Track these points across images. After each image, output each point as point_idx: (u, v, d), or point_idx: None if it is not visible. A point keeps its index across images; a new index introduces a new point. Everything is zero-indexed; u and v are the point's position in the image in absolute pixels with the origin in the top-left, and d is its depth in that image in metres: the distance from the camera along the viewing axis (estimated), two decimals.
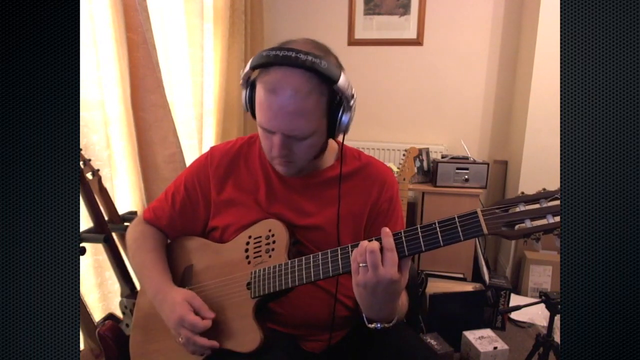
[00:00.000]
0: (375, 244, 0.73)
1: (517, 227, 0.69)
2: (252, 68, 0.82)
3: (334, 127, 0.85)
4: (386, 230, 0.74)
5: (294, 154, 0.86)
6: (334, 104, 0.84)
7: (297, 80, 0.78)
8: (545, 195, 0.69)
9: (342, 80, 0.81)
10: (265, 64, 0.80)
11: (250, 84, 0.86)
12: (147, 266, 0.99)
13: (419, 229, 0.74)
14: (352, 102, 0.84)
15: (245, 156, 1.00)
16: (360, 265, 0.73)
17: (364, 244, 0.74)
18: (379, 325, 0.80)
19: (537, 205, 0.69)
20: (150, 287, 0.96)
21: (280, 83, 0.78)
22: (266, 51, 0.80)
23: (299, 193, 0.96)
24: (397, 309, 0.80)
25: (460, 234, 0.71)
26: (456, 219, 0.72)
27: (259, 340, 0.84)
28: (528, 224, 0.69)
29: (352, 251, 0.77)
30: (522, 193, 0.71)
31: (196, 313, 0.86)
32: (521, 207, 0.69)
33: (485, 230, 0.69)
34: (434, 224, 0.74)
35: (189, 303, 0.87)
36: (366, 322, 0.81)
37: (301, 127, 0.82)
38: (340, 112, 0.84)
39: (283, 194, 0.96)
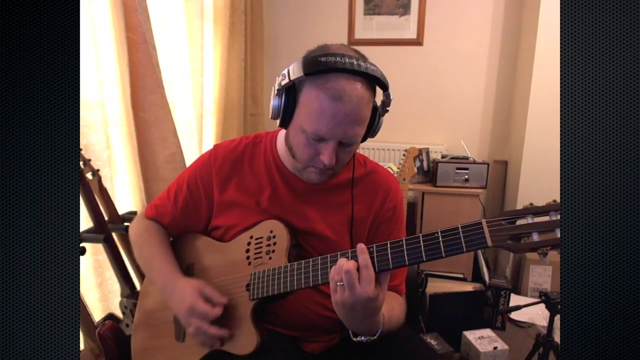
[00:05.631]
0: (351, 264, 0.72)
1: (523, 240, 0.67)
2: (308, 74, 0.78)
3: (368, 131, 0.87)
4: (361, 247, 0.74)
5: (337, 161, 0.84)
6: (375, 109, 0.85)
7: (360, 87, 0.78)
8: (555, 207, 0.64)
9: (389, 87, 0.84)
10: (324, 70, 0.77)
11: (291, 91, 0.82)
12: (156, 258, 0.99)
13: (421, 238, 0.72)
14: (390, 106, 0.87)
15: (250, 157, 0.99)
16: (338, 284, 0.73)
17: (341, 262, 0.74)
18: (363, 338, 0.79)
19: (546, 218, 0.65)
20: (159, 279, 0.96)
21: (346, 90, 0.77)
22: (323, 57, 0.77)
23: (303, 199, 0.95)
24: (380, 321, 0.78)
25: (463, 245, 0.68)
26: (460, 229, 0.69)
27: (255, 343, 0.84)
28: (535, 237, 0.65)
29: (351, 257, 0.76)
30: (531, 204, 0.67)
31: (208, 301, 0.86)
32: (529, 219, 0.66)
33: (489, 243, 0.67)
34: (437, 233, 0.71)
35: (199, 291, 0.87)
36: (352, 336, 0.80)
37: (359, 134, 0.83)
38: (378, 117, 0.86)
39: (287, 199, 0.95)
